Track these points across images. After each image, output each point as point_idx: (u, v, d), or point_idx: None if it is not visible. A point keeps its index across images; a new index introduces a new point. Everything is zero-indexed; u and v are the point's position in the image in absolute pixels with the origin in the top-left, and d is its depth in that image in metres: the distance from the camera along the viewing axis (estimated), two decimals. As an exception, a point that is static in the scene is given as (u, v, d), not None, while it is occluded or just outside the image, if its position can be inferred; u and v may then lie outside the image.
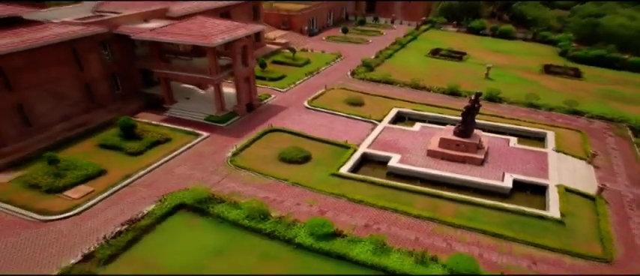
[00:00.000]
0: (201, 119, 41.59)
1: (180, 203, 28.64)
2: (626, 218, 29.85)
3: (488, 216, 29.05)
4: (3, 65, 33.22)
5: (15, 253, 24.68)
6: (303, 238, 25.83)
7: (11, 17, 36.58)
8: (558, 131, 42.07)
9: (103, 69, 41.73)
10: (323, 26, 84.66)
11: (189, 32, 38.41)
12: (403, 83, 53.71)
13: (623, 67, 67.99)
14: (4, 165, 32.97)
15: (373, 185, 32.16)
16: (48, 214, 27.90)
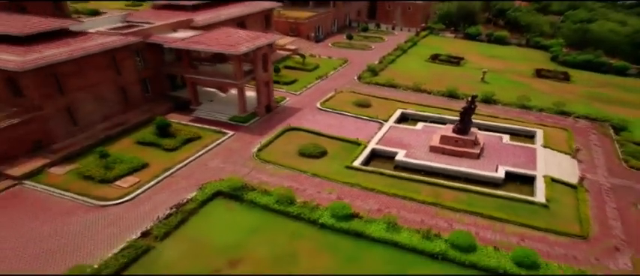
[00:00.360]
0: (226, 119, 46.06)
1: (218, 191, 33.07)
2: (603, 203, 34.41)
3: (483, 201, 33.56)
4: (57, 72, 37.66)
5: (84, 232, 29.09)
6: (326, 219, 30.27)
7: (60, 29, 41.00)
8: (547, 130, 46.69)
9: (137, 74, 46.20)
10: (328, 33, 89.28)
11: (218, 42, 42.92)
12: (406, 87, 58.30)
13: (608, 71, 72.64)
14: (57, 159, 37.34)
15: (383, 176, 36.67)
16: (105, 200, 32.31)
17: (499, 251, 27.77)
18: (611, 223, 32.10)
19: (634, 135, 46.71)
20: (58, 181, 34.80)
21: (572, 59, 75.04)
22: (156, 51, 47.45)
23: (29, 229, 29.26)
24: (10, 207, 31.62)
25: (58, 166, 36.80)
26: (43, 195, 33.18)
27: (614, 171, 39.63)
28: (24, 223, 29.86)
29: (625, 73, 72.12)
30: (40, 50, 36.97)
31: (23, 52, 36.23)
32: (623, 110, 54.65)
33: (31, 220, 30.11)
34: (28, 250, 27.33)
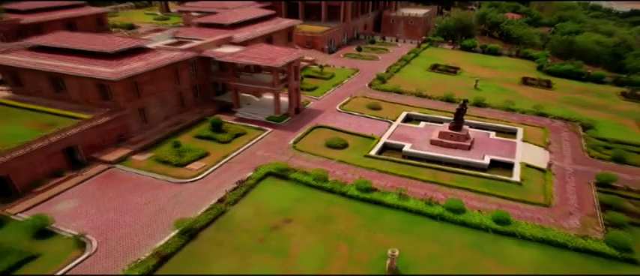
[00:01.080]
0: (264, 119, 55.97)
1: (268, 172, 42.93)
2: (564, 183, 44.23)
3: (472, 181, 43.40)
4: (136, 80, 47.70)
5: (173, 200, 38.92)
6: (352, 191, 40.08)
7: (138, 47, 51.04)
8: (527, 128, 56.58)
9: (190, 82, 56.21)
10: (339, 45, 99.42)
11: (260, 56, 52.97)
12: (410, 93, 68.24)
13: (587, 79, 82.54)
14: (137, 149, 47.22)
15: (394, 162, 46.55)
16: (182, 179, 42.18)
17: (482, 213, 37.61)
18: (568, 196, 41.92)
19: (598, 132, 56.57)
20: (141, 165, 44.71)
21: (555, 69, 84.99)
22: (205, 63, 57.49)
23: (133, 198, 39.15)
24: (112, 184, 41.53)
25: (138, 154, 46.70)
26: (133, 175, 43.10)
27: (577, 159, 49.51)
28: (127, 194, 39.76)
29: (601, 81, 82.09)
30: (125, 63, 47.05)
31: (114, 65, 46.31)
32: (593, 112, 64.58)
33: (131, 193, 40.01)
34: (139, 212, 37.19)
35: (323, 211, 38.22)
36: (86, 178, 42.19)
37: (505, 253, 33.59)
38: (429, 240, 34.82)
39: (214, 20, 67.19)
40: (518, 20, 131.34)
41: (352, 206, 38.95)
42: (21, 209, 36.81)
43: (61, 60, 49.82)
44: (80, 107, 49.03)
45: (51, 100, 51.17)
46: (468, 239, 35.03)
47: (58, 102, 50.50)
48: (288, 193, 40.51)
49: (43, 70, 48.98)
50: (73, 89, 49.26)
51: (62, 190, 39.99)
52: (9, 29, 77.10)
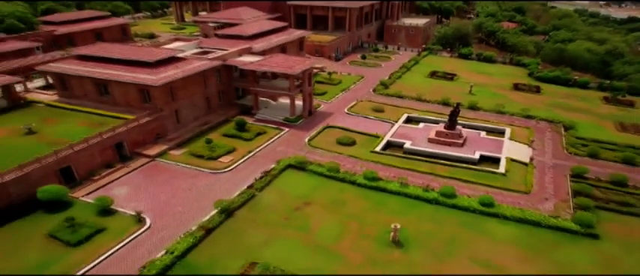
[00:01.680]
0: (281, 120, 62.92)
1: (289, 164, 49.83)
2: (544, 174, 51.01)
3: (463, 172, 50.24)
4: (172, 85, 54.80)
5: (210, 186, 45.87)
6: (361, 180, 46.92)
7: (172, 57, 58.19)
8: (514, 128, 63.42)
9: (216, 87, 63.28)
10: (345, 53, 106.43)
11: (278, 65, 60.02)
12: (410, 97, 75.14)
13: (573, 85, 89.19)
14: (173, 145, 54.17)
15: (396, 157, 53.43)
16: (215, 170, 49.14)
17: (470, 198, 44.48)
18: (546, 185, 48.74)
19: (578, 132, 63.38)
20: (178, 158, 51.70)
21: (545, 75, 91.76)
22: (229, 70, 64.56)
23: (176, 185, 46.15)
24: (156, 173, 48.54)
25: (174, 149, 53.68)
26: (173, 167, 50.09)
27: (557, 155, 56.33)
28: (170, 182, 46.76)
29: (586, 86, 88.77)
30: (163, 71, 54.19)
31: (154, 72, 53.44)
32: (576, 115, 71.39)
33: (173, 180, 47.00)
34: (183, 195, 44.17)
35: (336, 196, 45.11)
36: (133, 169, 49.22)
37: (489, 230, 40.41)
38: (425, 219, 41.67)
39: (235, 32, 74.47)
40: (513, 29, 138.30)
41: (360, 192, 45.84)
42: (83, 193, 43.83)
43: (105, 68, 57.03)
44: (123, 109, 56.12)
45: (95, 102, 58.27)
46: (458, 219, 41.87)
47: (102, 104, 57.59)
48: (306, 182, 47.43)
49: (91, 76, 56.15)
50: (116, 93, 56.40)
51: (115, 179, 47.01)
52: (45, 39, 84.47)
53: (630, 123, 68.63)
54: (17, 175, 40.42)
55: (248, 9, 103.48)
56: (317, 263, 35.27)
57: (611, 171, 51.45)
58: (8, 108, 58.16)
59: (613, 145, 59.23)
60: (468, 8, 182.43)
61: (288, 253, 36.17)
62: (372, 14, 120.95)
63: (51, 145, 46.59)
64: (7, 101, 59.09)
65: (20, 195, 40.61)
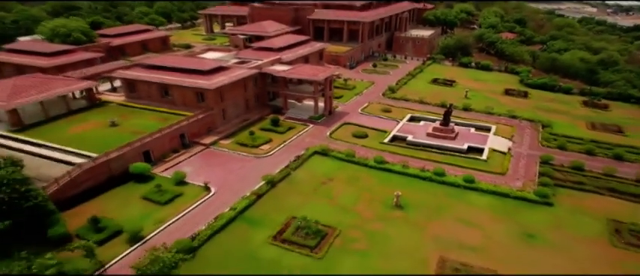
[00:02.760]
0: (306, 118, 75.97)
1: (315, 151, 62.86)
2: (518, 161, 63.39)
3: (453, 159, 62.83)
4: (221, 89, 68.26)
5: (256, 167, 59.00)
6: (371, 163, 59.75)
7: (221, 66, 71.77)
8: (499, 126, 75.78)
9: (253, 90, 76.68)
10: (358, 61, 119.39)
11: (305, 72, 73.24)
12: (414, 100, 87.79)
13: (558, 90, 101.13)
14: (221, 137, 67.49)
15: (400, 147, 66.25)
16: (258, 155, 62.38)
17: (456, 177, 57.11)
18: (519, 169, 61.18)
19: (553, 129, 75.54)
20: (227, 146, 65.02)
21: (534, 82, 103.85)
22: (263, 77, 77.92)
23: (229, 166, 59.46)
24: (212, 157, 61.89)
25: (223, 139, 67.02)
26: (224, 153, 63.42)
27: (532, 147, 68.71)
28: (225, 163, 60.08)
29: (570, 92, 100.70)
30: (215, 78, 67.72)
31: (208, 79, 66.99)
32: (555, 116, 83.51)
33: (227, 162, 60.32)
34: (236, 172, 57.42)
35: (352, 174, 58.05)
36: (193, 153, 62.65)
37: (469, 199, 53.01)
38: (421, 191, 54.41)
39: (266, 45, 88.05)
40: (511, 39, 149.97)
41: (371, 172, 58.69)
42: (160, 170, 57.28)
43: (167, 74, 70.75)
44: (181, 107, 69.65)
45: (158, 102, 71.88)
46: (445, 191, 54.54)
47: (163, 104, 71.19)
48: (329, 164, 60.46)
49: (157, 82, 69.93)
50: (176, 95, 70.01)
51: (181, 161, 60.45)
52: (103, 50, 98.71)
53: (599, 122, 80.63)
54: (116, 155, 54.04)
55: (272, 22, 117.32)
56: (340, 218, 48.20)
57: (573, 159, 63.74)
58: (88, 107, 72.08)
59: (580, 140, 71.37)
60: (472, 19, 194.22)
61: (318, 211, 49.04)
62: (382, 27, 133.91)
63: (132, 134, 60.18)
64: (87, 101, 73.09)
65: (118, 169, 54.20)
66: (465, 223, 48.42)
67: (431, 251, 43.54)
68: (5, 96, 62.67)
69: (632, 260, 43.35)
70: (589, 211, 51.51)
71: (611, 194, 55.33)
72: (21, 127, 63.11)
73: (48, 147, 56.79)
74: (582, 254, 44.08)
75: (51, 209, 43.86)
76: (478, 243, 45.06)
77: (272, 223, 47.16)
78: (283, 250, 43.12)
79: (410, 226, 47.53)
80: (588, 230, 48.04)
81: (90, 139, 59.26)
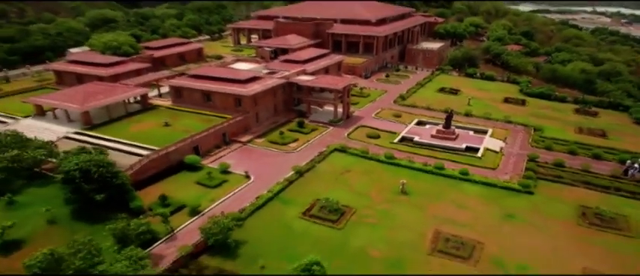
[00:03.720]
0: (327, 121, 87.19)
1: (335, 148, 74.04)
2: (509, 159, 73.73)
3: (452, 156, 73.43)
4: (255, 96, 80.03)
5: (285, 160, 70.37)
6: (382, 159, 70.70)
7: (255, 76, 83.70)
8: (495, 129, 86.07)
9: (281, 97, 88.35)
10: (372, 71, 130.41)
11: (327, 82, 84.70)
12: (422, 107, 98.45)
13: (554, 99, 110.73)
14: (255, 136, 79.12)
15: (408, 146, 77.12)
16: (287, 151, 73.86)
17: (454, 170, 67.74)
18: (508, 165, 71.53)
19: (543, 133, 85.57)
20: (261, 144, 76.60)
21: (532, 91, 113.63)
22: (290, 85, 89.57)
23: (264, 159, 71.00)
24: (249, 152, 73.52)
25: (257, 138, 78.58)
26: (258, 149, 75.03)
27: (522, 147, 78.93)
28: (260, 157, 71.65)
29: (564, 100, 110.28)
30: (251, 86, 79.60)
31: (245, 87, 78.88)
32: (547, 121, 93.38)
33: (262, 157, 71.88)
34: (270, 164, 68.92)
35: (366, 168, 69.08)
36: (233, 149, 74.37)
37: (463, 188, 63.57)
38: (423, 181, 65.18)
39: (292, 58, 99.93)
40: (516, 51, 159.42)
41: (382, 167, 69.64)
42: (207, 162, 69.06)
43: (209, 83, 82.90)
44: (220, 111, 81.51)
45: (201, 107, 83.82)
46: (444, 181, 65.26)
47: (206, 108, 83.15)
48: (347, 159, 71.61)
49: (201, 89, 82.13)
50: (217, 100, 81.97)
51: (223, 155, 72.15)
52: (148, 61, 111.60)
53: (587, 127, 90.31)
54: (173, 149, 66.02)
55: (295, 36, 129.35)
56: (355, 200, 59.19)
57: (557, 157, 73.78)
58: (142, 110, 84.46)
59: (565, 142, 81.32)
60: (481, 32, 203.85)
61: (338, 195, 59.90)
62: (395, 40, 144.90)
63: (183, 132, 72.12)
64: (141, 105, 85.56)
65: (174, 160, 66.11)
66: (458, 205, 59.08)
67: (428, 226, 54.30)
68: (80, 100, 75.39)
69: (590, 235, 53.54)
70: (563, 199, 61.68)
71: (585, 186, 65.35)
72: (91, 125, 75.59)
73: (117, 141, 69.05)
74: (551, 230, 54.40)
75: (130, 188, 55.86)
76: (467, 220, 55.64)
77: (301, 202, 58.42)
78: (311, 223, 54.34)
79: (412, 207, 58.38)
80: (560, 213, 58.27)
81: (149, 136, 71.35)
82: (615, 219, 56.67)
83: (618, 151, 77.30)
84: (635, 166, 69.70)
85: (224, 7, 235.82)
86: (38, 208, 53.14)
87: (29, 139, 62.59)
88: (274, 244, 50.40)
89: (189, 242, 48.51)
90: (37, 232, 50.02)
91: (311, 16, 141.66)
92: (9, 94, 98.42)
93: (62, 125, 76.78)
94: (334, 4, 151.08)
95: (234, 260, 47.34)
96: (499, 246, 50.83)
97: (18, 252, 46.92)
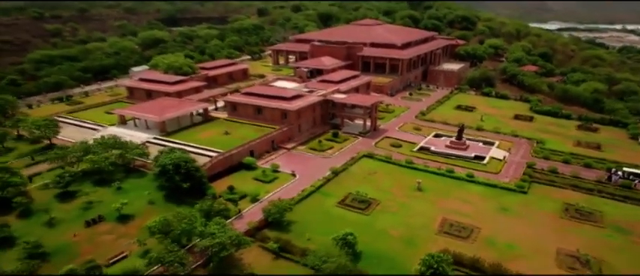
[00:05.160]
0: (357, 133, 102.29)
1: (363, 154, 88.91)
2: (510, 166, 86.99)
3: (462, 162, 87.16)
4: (299, 110, 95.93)
5: (324, 163, 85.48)
6: (403, 164, 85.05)
7: (299, 94, 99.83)
8: (502, 142, 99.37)
9: (319, 111, 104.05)
10: (397, 90, 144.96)
11: (358, 99, 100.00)
12: (439, 122, 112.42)
13: (560, 116, 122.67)
14: (298, 144, 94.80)
15: (426, 154, 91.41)
16: (325, 156, 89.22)
17: (462, 174, 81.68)
18: (509, 171, 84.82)
19: (544, 145, 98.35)
20: (303, 150, 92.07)
21: (540, 109, 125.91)
22: (327, 102, 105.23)
23: (306, 162, 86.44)
24: (294, 156, 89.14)
25: (299, 146, 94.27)
26: (301, 153, 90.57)
27: (523, 156, 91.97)
28: (303, 161, 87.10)
29: (569, 117, 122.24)
30: (295, 102, 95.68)
31: (290, 103, 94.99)
32: (550, 135, 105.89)
33: (304, 161, 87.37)
34: (312, 165, 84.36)
35: (390, 170, 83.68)
36: (280, 154, 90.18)
37: (468, 187, 77.34)
38: (435, 181, 79.33)
39: (328, 78, 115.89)
40: (531, 72, 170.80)
41: (403, 170, 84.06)
42: (260, 163, 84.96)
43: (259, 99, 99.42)
44: (270, 123, 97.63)
45: (253, 119, 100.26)
46: (453, 182, 79.24)
47: (257, 120, 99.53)
48: (373, 164, 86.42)
49: (253, 104, 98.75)
50: (267, 114, 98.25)
51: (273, 158, 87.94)
52: (204, 79, 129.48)
53: (584, 141, 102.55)
54: (235, 152, 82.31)
55: (329, 58, 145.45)
56: (380, 195, 73.78)
57: (551, 165, 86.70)
58: (204, 121, 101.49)
59: (562, 153, 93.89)
60: (501, 52, 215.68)
61: (366, 190, 74.43)
62: (418, 61, 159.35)
63: (240, 139, 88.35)
64: (203, 117, 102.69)
65: (235, 161, 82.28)
66: (462, 200, 72.98)
67: (437, 214, 68.41)
68: (158, 112, 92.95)
69: (569, 226, 66.44)
70: (552, 198, 74.69)
71: (572, 188, 78.05)
72: (166, 133, 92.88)
73: (188, 145, 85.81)
74: (537, 221, 67.67)
75: (206, 180, 72.18)
76: (469, 212, 69.46)
77: (337, 195, 73.42)
78: (345, 210, 69.23)
79: (425, 201, 72.65)
80: (547, 208, 71.40)
81: (213, 142, 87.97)
82: (592, 214, 69.43)
83: (607, 162, 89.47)
84: (619, 173, 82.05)
85: (262, 28, 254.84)
86: (139, 193, 70.17)
87: (125, 142, 79.91)
88: (317, 223, 65.50)
89: (252, 220, 64.09)
90: (142, 209, 66.70)
91: (343, 40, 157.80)
92: (91, 107, 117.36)
93: (142, 132, 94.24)
94: (364, 29, 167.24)
95: (287, 233, 62.49)
96: (492, 230, 64.50)
97: (131, 222, 63.69)
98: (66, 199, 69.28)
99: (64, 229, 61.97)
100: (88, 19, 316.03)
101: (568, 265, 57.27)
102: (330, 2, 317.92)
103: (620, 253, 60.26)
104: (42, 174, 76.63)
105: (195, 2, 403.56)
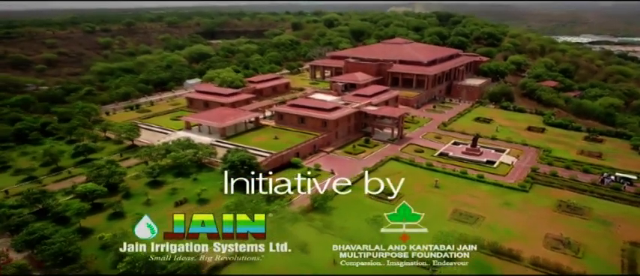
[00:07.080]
0: (386, 140, 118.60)
1: (391, 158, 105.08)
2: (517, 169, 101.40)
3: (475, 166, 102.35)
4: (337, 120, 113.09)
5: (358, 164, 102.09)
6: (425, 166, 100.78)
7: (337, 106, 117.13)
8: (512, 150, 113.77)
9: (353, 121, 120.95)
10: (422, 103, 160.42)
11: (387, 111, 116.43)
12: (458, 131, 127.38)
13: (571, 128, 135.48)
14: (335, 148, 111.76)
15: (444, 158, 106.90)
16: (358, 158, 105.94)
17: (474, 175, 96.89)
18: (516, 173, 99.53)
19: (550, 153, 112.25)
20: (340, 153, 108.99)
21: (552, 121, 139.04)
22: (360, 113, 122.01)
23: (343, 163, 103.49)
24: (332, 158, 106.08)
25: (337, 149, 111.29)
26: (338, 156, 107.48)
27: (530, 162, 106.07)
28: (340, 162, 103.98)
29: (579, 129, 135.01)
30: (335, 113, 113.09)
31: (330, 114, 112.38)
32: (557, 145, 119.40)
33: (341, 162, 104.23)
34: (349, 165, 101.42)
35: (412, 171, 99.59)
36: (321, 156, 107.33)
37: (477, 186, 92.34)
38: (450, 181, 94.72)
39: (361, 92, 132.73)
40: (549, 87, 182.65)
41: (424, 172, 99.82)
42: (305, 163, 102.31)
43: (302, 110, 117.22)
44: (312, 130, 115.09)
45: (297, 127, 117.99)
46: (465, 182, 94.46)
47: (301, 127, 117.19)
48: (399, 166, 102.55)
49: (297, 114, 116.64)
50: (309, 122, 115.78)
51: (315, 159, 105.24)
52: (252, 92, 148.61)
53: (587, 151, 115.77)
54: (285, 153, 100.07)
55: (362, 74, 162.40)
56: (403, 190, 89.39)
57: (552, 170, 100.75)
58: (256, 128, 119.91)
59: (564, 160, 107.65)
60: (524, 68, 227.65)
61: (392, 186, 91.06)
62: (443, 77, 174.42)
63: (287, 143, 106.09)
64: (255, 125, 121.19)
65: (284, 160, 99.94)
66: (472, 196, 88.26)
67: (450, 206, 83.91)
68: (219, 119, 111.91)
69: (559, 217, 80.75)
70: (549, 196, 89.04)
71: (569, 189, 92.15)
72: (226, 137, 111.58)
73: (245, 147, 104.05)
74: (533, 213, 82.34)
75: (263, 174, 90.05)
76: (477, 204, 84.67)
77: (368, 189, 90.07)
78: (374, 201, 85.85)
79: (441, 196, 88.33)
80: (544, 204, 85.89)
81: (266, 145, 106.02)
82: (582, 209, 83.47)
83: (604, 168, 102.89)
84: (612, 177, 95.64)
85: (298, 43, 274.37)
86: (211, 183, 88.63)
87: (196, 144, 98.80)
88: (352, 209, 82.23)
89: (302, 205, 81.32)
90: (215, 195, 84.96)
91: (375, 57, 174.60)
92: (157, 114, 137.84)
93: (206, 136, 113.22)
94: (394, 47, 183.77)
95: (329, 216, 79.59)
96: (494, 219, 79.63)
97: (209, 204, 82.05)
98: (155, 186, 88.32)
99: (158, 207, 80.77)
100: (134, 32, 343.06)
101: (552, 245, 71.93)
102: (361, 18, 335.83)
103: (598, 239, 74.22)
104: (132, 167, 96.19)
105: (233, 17, 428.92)
